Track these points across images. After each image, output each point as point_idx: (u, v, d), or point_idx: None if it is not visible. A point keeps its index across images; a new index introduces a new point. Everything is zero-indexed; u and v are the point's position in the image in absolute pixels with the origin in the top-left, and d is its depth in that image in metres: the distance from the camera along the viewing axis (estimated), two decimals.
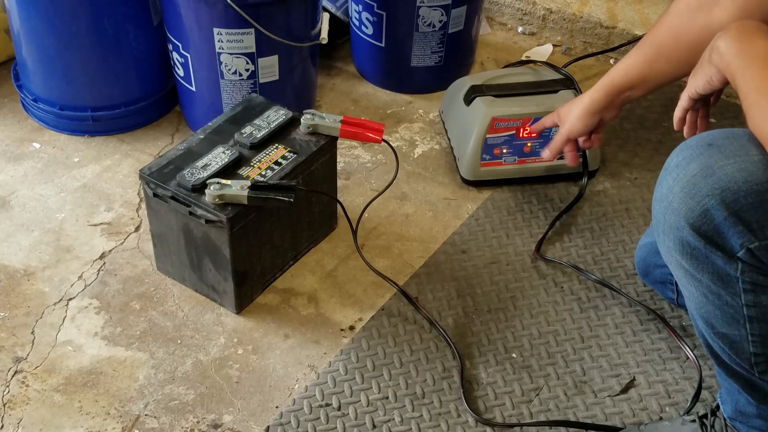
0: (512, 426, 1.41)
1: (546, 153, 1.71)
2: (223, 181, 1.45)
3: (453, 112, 1.90)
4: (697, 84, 1.19)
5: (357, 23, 2.07)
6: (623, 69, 1.51)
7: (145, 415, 1.41)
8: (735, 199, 1.04)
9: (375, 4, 1.98)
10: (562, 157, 1.83)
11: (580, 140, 1.66)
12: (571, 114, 1.62)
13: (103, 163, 1.88)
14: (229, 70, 1.79)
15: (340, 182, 1.75)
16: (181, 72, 1.87)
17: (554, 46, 2.29)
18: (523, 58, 2.23)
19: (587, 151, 1.81)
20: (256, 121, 1.59)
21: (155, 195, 1.51)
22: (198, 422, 1.41)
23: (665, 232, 1.13)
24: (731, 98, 1.90)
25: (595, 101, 1.57)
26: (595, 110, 1.58)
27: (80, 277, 1.63)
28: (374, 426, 1.41)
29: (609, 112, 1.58)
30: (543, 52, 2.26)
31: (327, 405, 1.43)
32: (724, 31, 1.13)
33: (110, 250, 1.68)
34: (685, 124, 1.29)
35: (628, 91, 1.52)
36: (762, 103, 1.04)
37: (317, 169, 1.59)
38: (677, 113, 1.27)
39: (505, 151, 1.81)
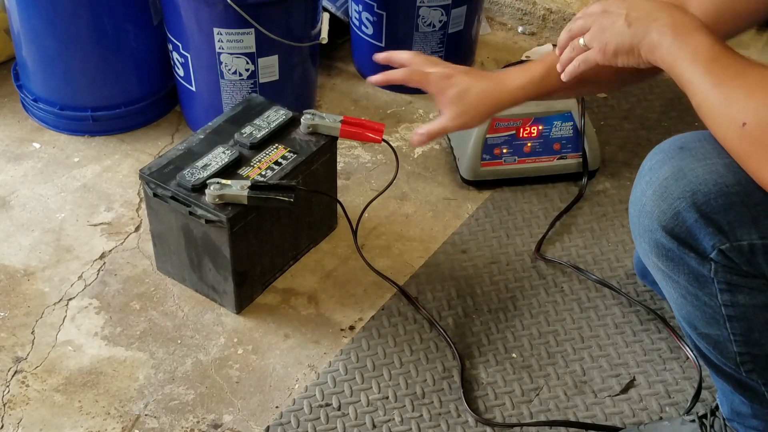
0: (512, 426, 1.41)
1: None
2: (223, 181, 1.45)
3: None
4: (618, 62, 1.13)
5: (357, 23, 2.07)
6: None
7: (145, 415, 1.41)
8: (705, 201, 1.05)
9: (375, 4, 1.98)
10: (562, 158, 1.83)
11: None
12: None
13: (103, 163, 1.88)
14: (229, 70, 1.79)
15: (340, 182, 1.75)
16: (181, 72, 1.87)
17: (554, 46, 2.28)
18: (523, 58, 2.23)
19: (587, 151, 1.82)
20: (256, 121, 1.59)
21: (155, 195, 1.51)
22: (198, 422, 1.41)
23: (640, 234, 1.14)
24: None
25: None
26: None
27: (80, 277, 1.63)
28: (374, 426, 1.41)
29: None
30: (543, 52, 2.26)
31: (327, 405, 1.43)
32: (649, 22, 1.09)
33: (110, 250, 1.68)
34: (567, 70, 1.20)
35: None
36: (720, 104, 1.03)
37: (317, 169, 1.59)
38: (566, 59, 1.18)
39: (505, 151, 1.81)
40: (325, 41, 1.88)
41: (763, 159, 0.99)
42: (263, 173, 1.51)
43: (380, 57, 1.40)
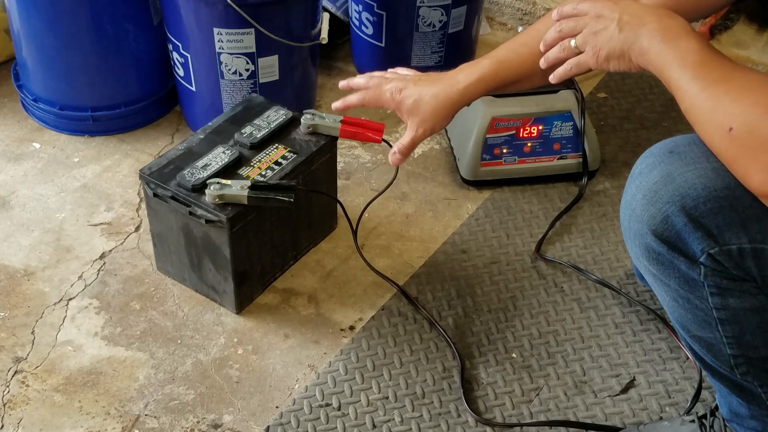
0: (512, 426, 1.41)
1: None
2: (223, 181, 1.45)
3: None
4: (610, 67, 1.14)
5: (357, 23, 2.07)
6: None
7: (145, 415, 1.41)
8: (694, 206, 1.06)
9: (375, 4, 1.98)
10: (562, 158, 1.83)
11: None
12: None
13: (103, 163, 1.89)
14: (229, 70, 1.79)
15: (340, 182, 1.75)
16: (181, 72, 1.87)
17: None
18: None
19: (587, 151, 1.82)
20: (256, 121, 1.59)
21: (155, 195, 1.51)
22: (198, 422, 1.41)
23: (631, 238, 1.15)
24: None
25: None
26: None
27: (80, 277, 1.63)
28: (374, 426, 1.41)
29: None
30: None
31: (327, 405, 1.43)
32: (639, 26, 1.10)
33: (110, 250, 1.68)
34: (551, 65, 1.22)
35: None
36: (707, 108, 1.03)
37: (317, 169, 1.59)
38: (552, 55, 1.19)
39: (505, 151, 1.81)
40: (325, 41, 1.88)
41: (750, 163, 0.99)
42: (263, 173, 1.51)
43: (342, 85, 1.49)
